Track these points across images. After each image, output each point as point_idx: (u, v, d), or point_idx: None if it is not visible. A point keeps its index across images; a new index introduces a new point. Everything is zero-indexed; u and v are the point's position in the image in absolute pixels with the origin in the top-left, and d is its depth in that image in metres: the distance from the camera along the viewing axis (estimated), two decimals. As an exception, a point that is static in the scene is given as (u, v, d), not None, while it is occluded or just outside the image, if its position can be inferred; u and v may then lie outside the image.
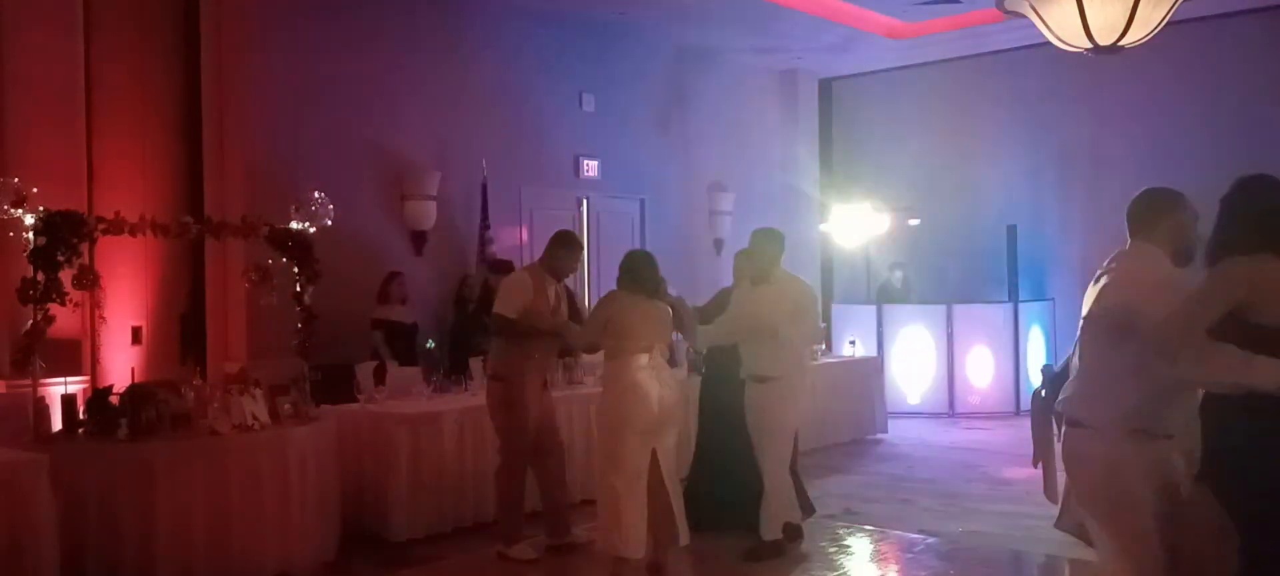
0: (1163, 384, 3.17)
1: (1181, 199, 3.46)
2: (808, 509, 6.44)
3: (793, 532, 6.13)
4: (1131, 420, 3.25)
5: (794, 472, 6.35)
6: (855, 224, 13.05)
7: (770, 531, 5.92)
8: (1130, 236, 3.48)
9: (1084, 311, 3.52)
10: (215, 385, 5.87)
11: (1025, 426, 6.61)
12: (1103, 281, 3.47)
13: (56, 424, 5.49)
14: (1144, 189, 3.52)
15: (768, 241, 6.13)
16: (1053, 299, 11.85)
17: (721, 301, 6.59)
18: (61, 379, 6.29)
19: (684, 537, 5.39)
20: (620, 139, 11.33)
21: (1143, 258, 3.42)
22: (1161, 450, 3.28)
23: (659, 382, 5.25)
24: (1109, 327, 3.31)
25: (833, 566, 6.00)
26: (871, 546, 6.41)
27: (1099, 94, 11.81)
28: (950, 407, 11.42)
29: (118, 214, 5.67)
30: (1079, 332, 3.53)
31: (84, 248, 5.68)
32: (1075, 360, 3.59)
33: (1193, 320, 3.05)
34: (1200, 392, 3.20)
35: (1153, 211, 3.46)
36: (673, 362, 5.95)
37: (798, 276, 6.25)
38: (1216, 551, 3.09)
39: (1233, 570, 3.05)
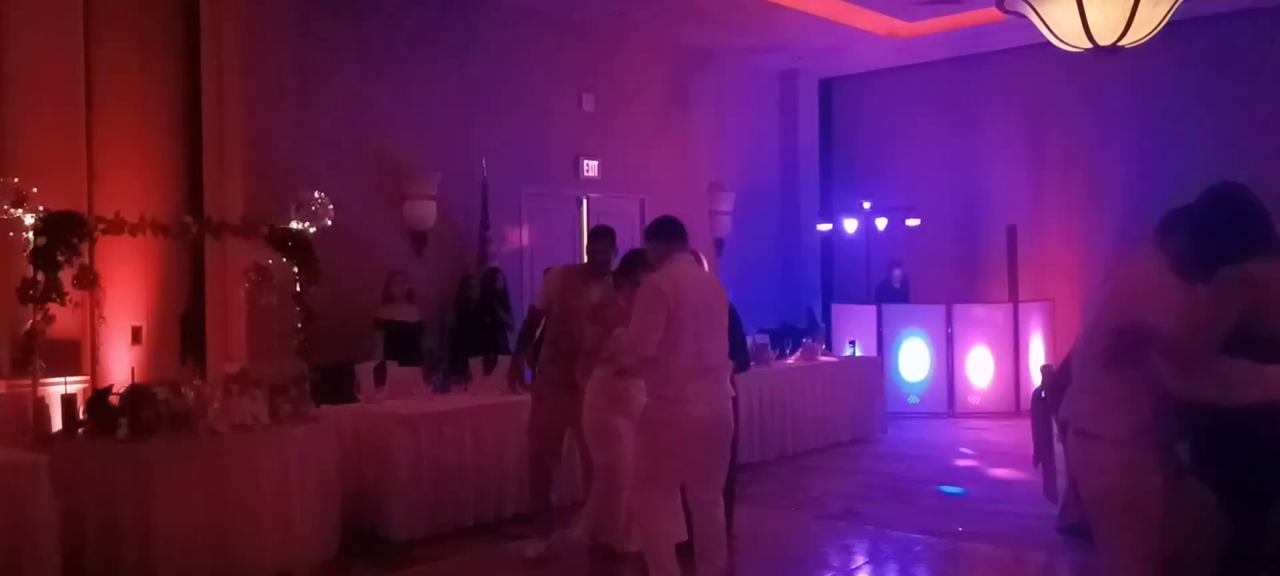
0: (1177, 397, 3.19)
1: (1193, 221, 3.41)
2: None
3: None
4: (1149, 434, 3.27)
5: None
6: (854, 224, 13.08)
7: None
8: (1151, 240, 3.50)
9: (1091, 317, 3.52)
10: (215, 385, 5.86)
11: (1025, 426, 6.62)
12: (1107, 287, 3.50)
13: (56, 424, 5.48)
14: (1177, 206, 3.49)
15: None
16: (1053, 299, 11.85)
17: None
18: (61, 379, 6.28)
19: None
20: (620, 139, 11.34)
21: (1146, 264, 3.43)
22: (1172, 457, 3.31)
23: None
24: (1122, 343, 3.28)
25: (833, 566, 6.00)
26: (871, 546, 6.41)
27: (1099, 94, 11.82)
28: (950, 407, 11.42)
29: (118, 214, 5.67)
30: (1083, 339, 3.52)
31: (84, 247, 5.68)
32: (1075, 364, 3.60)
33: (1205, 336, 3.07)
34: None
35: (1167, 228, 3.45)
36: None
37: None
38: (1203, 539, 3.14)
39: (1216, 557, 3.14)
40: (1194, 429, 3.25)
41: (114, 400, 5.38)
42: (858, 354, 10.56)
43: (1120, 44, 6.83)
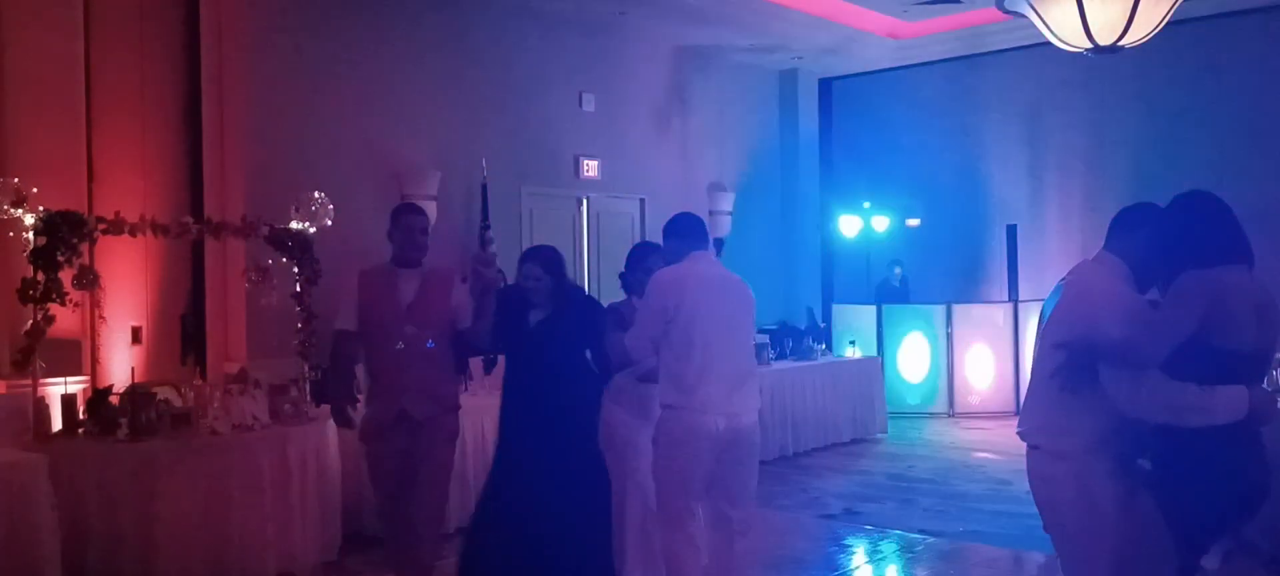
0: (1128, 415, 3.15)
1: (1155, 219, 3.37)
2: None
3: None
4: (1103, 447, 3.21)
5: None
6: (855, 224, 13.08)
7: None
8: (1104, 244, 3.45)
9: (1042, 325, 3.47)
10: (215, 385, 5.87)
11: (1025, 426, 6.49)
12: (1061, 298, 3.43)
13: (56, 424, 5.49)
14: (1135, 202, 3.49)
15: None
16: (1053, 299, 11.85)
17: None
18: (61, 379, 6.28)
19: None
20: (620, 139, 11.33)
21: (1101, 269, 3.38)
22: (1127, 472, 3.26)
23: None
24: (1072, 359, 3.21)
25: (833, 566, 6.00)
26: (871, 546, 6.41)
27: (1099, 94, 11.82)
28: (950, 407, 11.43)
29: (118, 214, 5.68)
30: (1036, 354, 3.47)
31: (84, 247, 5.68)
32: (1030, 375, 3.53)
33: (1159, 347, 3.02)
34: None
35: (1126, 225, 3.42)
36: None
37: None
38: (1158, 560, 3.11)
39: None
40: (1152, 449, 3.20)
41: (114, 400, 5.38)
42: (858, 354, 10.57)
43: (1120, 44, 6.83)
